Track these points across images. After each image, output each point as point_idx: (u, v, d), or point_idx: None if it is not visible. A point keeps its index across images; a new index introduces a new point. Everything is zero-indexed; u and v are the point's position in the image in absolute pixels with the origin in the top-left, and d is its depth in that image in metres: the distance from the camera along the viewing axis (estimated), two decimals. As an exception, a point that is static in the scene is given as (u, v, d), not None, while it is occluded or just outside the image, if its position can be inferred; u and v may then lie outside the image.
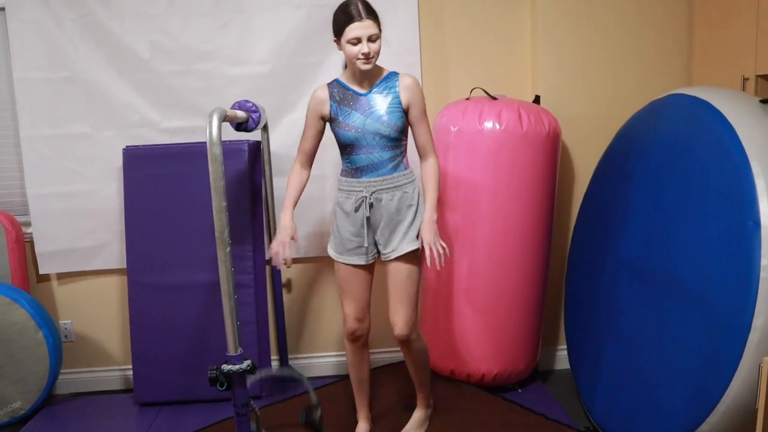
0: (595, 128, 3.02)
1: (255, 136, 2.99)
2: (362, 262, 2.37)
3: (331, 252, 2.42)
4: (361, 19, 2.16)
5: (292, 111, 3.08)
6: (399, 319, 2.35)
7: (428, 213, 2.31)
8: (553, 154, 2.83)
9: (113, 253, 3.12)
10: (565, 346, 3.04)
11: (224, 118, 2.19)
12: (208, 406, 2.90)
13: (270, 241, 3.11)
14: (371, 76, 2.29)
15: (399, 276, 2.33)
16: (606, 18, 3.01)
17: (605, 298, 2.64)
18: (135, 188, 2.97)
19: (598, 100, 3.04)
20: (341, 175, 2.39)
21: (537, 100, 2.99)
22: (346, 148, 2.31)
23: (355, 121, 2.27)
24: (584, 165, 3.07)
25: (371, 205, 2.31)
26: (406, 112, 2.29)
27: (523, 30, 3.11)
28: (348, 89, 2.31)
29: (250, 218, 2.96)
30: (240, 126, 2.71)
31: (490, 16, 3.10)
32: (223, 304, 2.10)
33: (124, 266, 3.04)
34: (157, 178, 2.96)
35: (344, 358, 3.21)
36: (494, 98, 2.84)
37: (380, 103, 2.28)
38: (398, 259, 2.32)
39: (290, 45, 3.03)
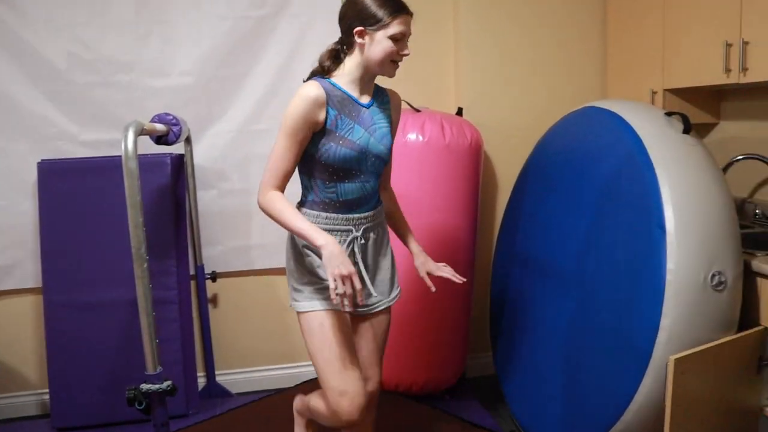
0: (517, 139, 3.11)
1: (179, 149, 2.94)
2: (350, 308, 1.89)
3: (312, 304, 1.83)
4: (410, 13, 1.76)
5: (216, 123, 3.04)
6: (377, 373, 2.01)
7: (418, 245, 2.07)
8: (476, 165, 2.90)
9: (27, 271, 2.98)
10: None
11: (141, 132, 2.14)
12: (129, 428, 2.80)
13: (195, 254, 3.04)
14: (370, 86, 1.87)
15: (381, 328, 1.99)
16: (526, 34, 3.12)
17: (527, 304, 2.71)
18: (51, 203, 2.85)
19: (519, 112, 3.14)
20: (315, 209, 1.84)
21: (459, 112, 3.06)
22: (337, 173, 1.78)
23: (360, 139, 1.78)
24: (506, 175, 3.15)
25: (362, 246, 1.88)
26: None
27: (446, 44, 3.17)
28: (349, 96, 1.80)
29: (174, 232, 2.89)
30: (160, 139, 2.66)
31: (415, 31, 3.10)
32: (141, 321, 2.05)
33: (40, 285, 2.91)
34: (74, 192, 2.85)
35: (274, 373, 3.18)
36: (418, 110, 2.88)
37: (381, 119, 1.86)
38: (383, 310, 1.98)
39: (215, 56, 2.99)
